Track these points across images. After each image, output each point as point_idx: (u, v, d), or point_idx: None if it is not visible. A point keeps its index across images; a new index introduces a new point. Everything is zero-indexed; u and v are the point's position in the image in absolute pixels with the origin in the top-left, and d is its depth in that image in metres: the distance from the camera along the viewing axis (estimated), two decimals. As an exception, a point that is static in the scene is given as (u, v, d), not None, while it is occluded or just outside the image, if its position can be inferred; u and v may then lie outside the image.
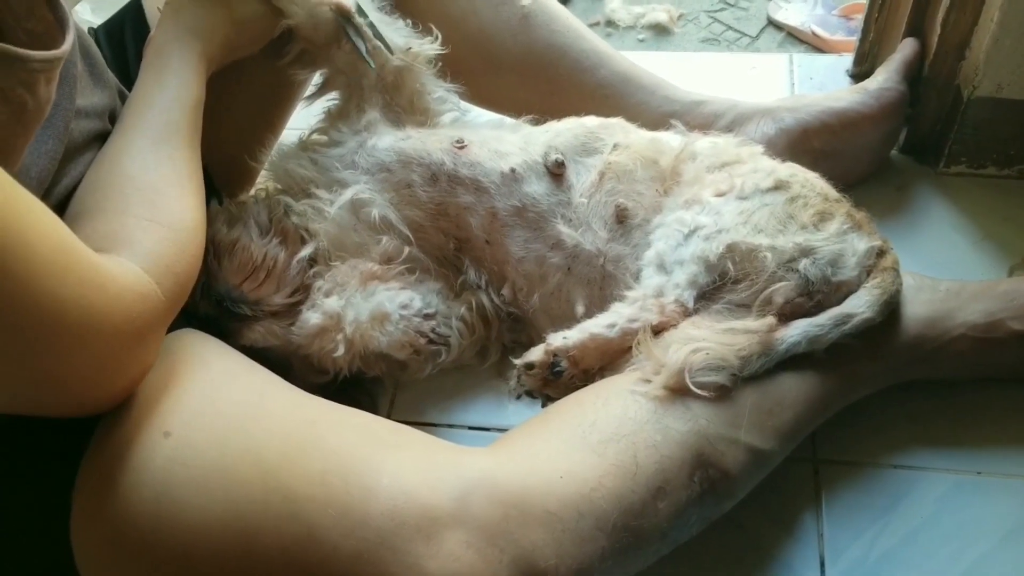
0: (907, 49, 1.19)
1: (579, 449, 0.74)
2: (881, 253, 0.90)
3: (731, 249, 0.85)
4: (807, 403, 0.84)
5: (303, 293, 0.96)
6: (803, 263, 0.85)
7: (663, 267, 0.88)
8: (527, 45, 1.13)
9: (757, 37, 1.75)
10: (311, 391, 0.78)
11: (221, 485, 0.64)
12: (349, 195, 0.96)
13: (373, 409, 1.00)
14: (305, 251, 0.96)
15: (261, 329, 0.93)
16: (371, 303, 0.93)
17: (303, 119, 1.10)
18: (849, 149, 1.16)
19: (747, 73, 1.45)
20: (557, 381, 0.85)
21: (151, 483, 0.64)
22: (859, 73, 1.36)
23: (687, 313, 0.85)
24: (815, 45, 1.68)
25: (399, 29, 1.03)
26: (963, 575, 0.84)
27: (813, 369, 0.85)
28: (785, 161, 0.97)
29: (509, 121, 1.10)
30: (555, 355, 0.85)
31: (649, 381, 0.79)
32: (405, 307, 0.95)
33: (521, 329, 1.02)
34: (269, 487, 0.64)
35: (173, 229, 0.75)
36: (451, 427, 1.01)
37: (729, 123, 1.16)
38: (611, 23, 1.82)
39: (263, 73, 1.05)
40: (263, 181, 1.09)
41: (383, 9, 1.03)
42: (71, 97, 0.77)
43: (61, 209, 0.77)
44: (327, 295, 0.94)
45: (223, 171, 1.06)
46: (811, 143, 1.14)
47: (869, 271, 0.88)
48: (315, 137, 1.04)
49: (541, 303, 0.97)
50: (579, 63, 1.15)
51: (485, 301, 0.99)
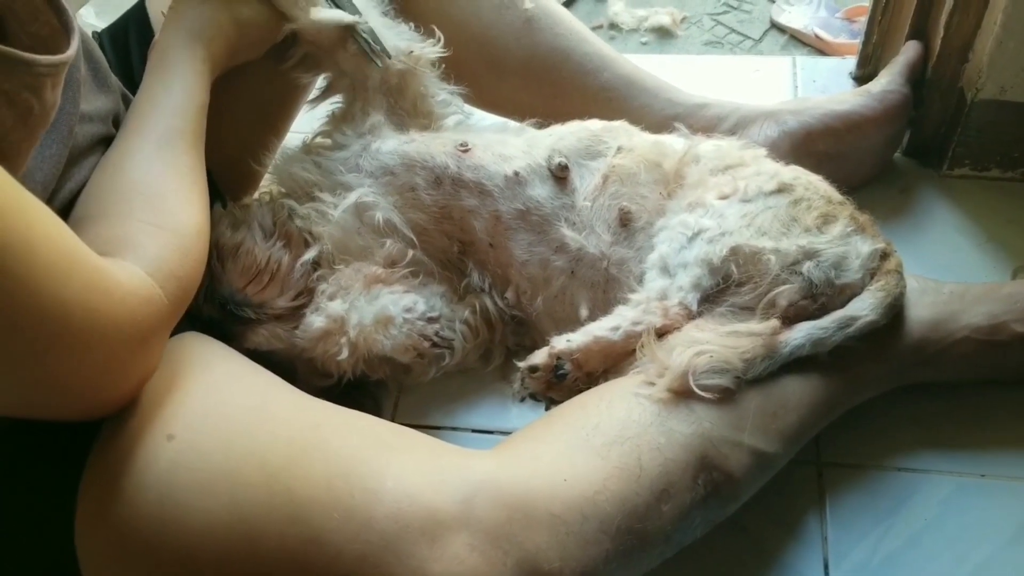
0: (910, 52, 1.19)
1: (583, 452, 0.74)
2: (885, 256, 0.89)
3: (735, 252, 0.85)
4: (811, 406, 0.84)
5: (307, 296, 0.96)
6: (807, 266, 0.85)
7: (667, 270, 0.88)
8: (530, 48, 1.14)
9: (760, 40, 1.74)
10: (315, 394, 0.78)
11: (225, 488, 0.64)
12: (353, 198, 0.96)
13: (377, 412, 1.00)
14: (309, 254, 0.96)
15: (265, 332, 0.93)
16: (375, 306, 0.93)
17: (307, 122, 1.10)
18: (853, 152, 1.16)
19: (750, 76, 1.45)
20: (561, 384, 0.85)
21: (155, 486, 0.64)
22: (862, 76, 1.36)
23: (691, 316, 0.85)
24: (818, 48, 1.67)
25: (402, 32, 1.03)
26: (967, 578, 0.84)
27: (817, 372, 0.85)
28: (788, 164, 0.97)
29: (513, 124, 1.10)
30: (559, 358, 0.85)
31: (653, 384, 0.79)
32: (409, 310, 0.95)
33: (525, 332, 1.02)
34: (273, 490, 0.64)
35: (177, 233, 0.76)
36: (455, 430, 1.01)
37: (732, 126, 1.16)
38: (614, 26, 1.82)
39: (267, 77, 1.04)
40: (267, 184, 1.09)
41: (387, 13, 1.03)
42: (75, 101, 0.77)
43: (65, 213, 0.77)
44: (331, 298, 0.94)
45: (227, 174, 1.06)
46: (814, 146, 1.14)
47: (873, 274, 0.88)
48: (319, 140, 1.04)
49: (545, 306, 0.97)
50: (582, 66, 1.15)
51: (489, 304, 0.99)
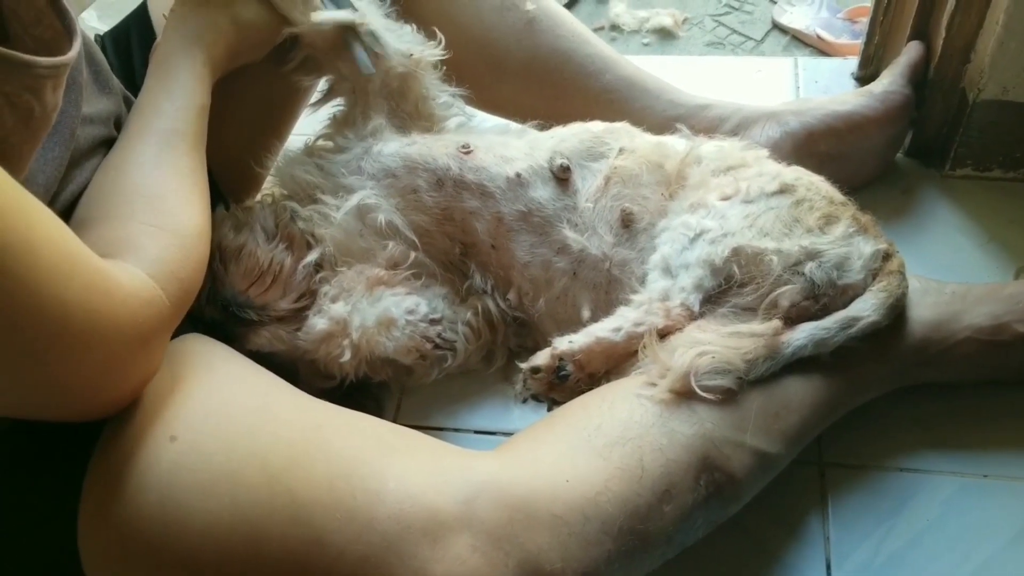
0: (912, 52, 1.19)
1: (585, 453, 0.74)
2: (887, 256, 0.89)
3: (737, 253, 0.85)
4: (813, 406, 0.84)
5: (309, 298, 0.96)
6: (809, 266, 0.85)
7: (669, 271, 0.88)
8: (532, 50, 1.14)
9: (762, 41, 1.74)
10: (317, 396, 0.78)
11: (227, 489, 0.64)
12: (355, 201, 0.96)
13: (379, 413, 1.00)
14: (311, 256, 0.96)
15: (267, 334, 0.93)
16: (377, 308, 0.94)
17: (309, 125, 1.10)
18: (854, 152, 1.15)
19: (752, 77, 1.45)
20: (563, 385, 0.85)
21: (157, 487, 0.64)
22: (864, 76, 1.36)
23: (693, 317, 0.85)
24: (820, 48, 1.67)
25: (404, 35, 1.03)
26: (969, 578, 0.84)
27: (819, 372, 0.84)
28: (790, 164, 0.97)
29: (515, 126, 1.10)
30: (561, 359, 0.85)
31: (655, 385, 0.79)
32: (411, 312, 0.95)
33: (527, 333, 1.02)
34: (275, 491, 0.64)
35: (178, 235, 0.76)
36: (457, 431, 1.01)
37: (734, 127, 1.16)
38: (616, 27, 1.82)
39: (268, 79, 1.05)
40: (269, 187, 1.09)
41: (389, 15, 1.03)
42: (77, 104, 0.77)
43: (67, 215, 0.77)
44: (333, 300, 0.94)
45: (229, 177, 1.06)
46: (816, 146, 1.14)
47: (875, 274, 0.88)
48: (321, 143, 1.05)
49: (547, 307, 0.97)
50: (584, 68, 1.15)
51: (491, 306, 0.99)
